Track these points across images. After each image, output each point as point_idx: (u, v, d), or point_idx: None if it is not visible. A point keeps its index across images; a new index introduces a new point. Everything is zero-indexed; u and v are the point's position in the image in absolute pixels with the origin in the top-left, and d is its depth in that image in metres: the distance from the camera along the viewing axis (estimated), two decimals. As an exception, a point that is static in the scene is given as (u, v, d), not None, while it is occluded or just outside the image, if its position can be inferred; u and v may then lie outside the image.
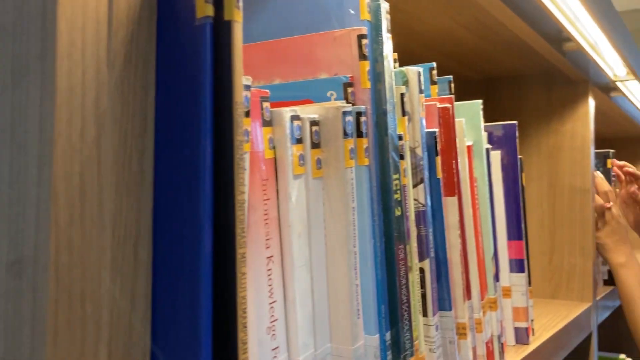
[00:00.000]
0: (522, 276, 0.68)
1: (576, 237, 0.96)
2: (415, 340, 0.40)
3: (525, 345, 0.68)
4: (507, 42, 0.81)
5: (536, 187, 0.99)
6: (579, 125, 0.97)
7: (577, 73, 0.93)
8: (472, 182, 0.54)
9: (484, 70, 1.01)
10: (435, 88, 0.51)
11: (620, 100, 1.20)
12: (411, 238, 0.40)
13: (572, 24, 0.72)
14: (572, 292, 0.96)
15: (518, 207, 0.68)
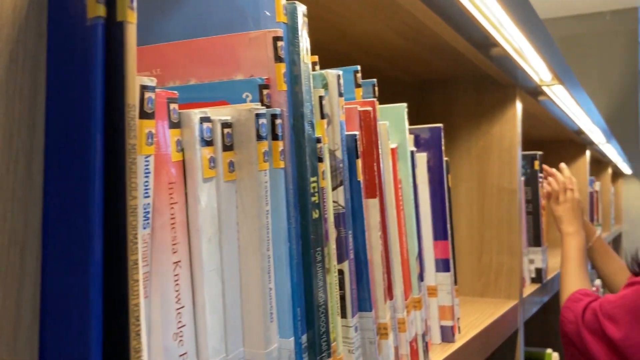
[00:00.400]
0: (447, 275, 0.69)
1: (504, 236, 0.99)
2: (333, 342, 0.40)
3: (451, 343, 0.69)
4: (437, 46, 0.83)
5: (466, 187, 1.02)
6: (507, 128, 1.00)
7: (505, 77, 0.96)
8: (396, 184, 0.55)
9: (417, 74, 1.03)
10: (360, 91, 0.52)
11: (547, 103, 1.24)
12: (330, 240, 0.40)
13: (497, 30, 0.74)
14: (500, 290, 0.99)
15: (444, 207, 0.69)
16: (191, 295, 0.31)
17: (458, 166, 1.03)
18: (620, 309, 1.01)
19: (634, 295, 1.01)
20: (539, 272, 1.17)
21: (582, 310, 1.05)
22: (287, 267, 0.35)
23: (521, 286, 1.00)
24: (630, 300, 1.01)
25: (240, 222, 0.33)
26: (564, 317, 1.08)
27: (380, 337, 0.48)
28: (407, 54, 0.90)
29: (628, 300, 1.01)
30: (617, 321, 1.01)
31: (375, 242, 0.48)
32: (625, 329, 1.00)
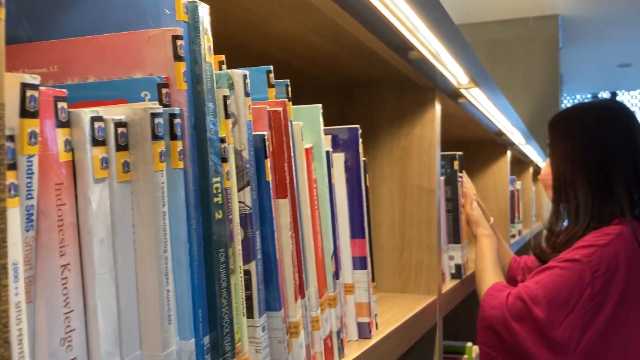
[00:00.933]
0: (364, 273, 0.71)
1: (423, 234, 1.02)
2: (237, 342, 0.40)
3: (368, 339, 0.71)
4: (357, 49, 0.84)
5: (388, 187, 1.04)
6: (426, 130, 1.03)
7: (424, 80, 0.99)
8: (310, 184, 0.56)
9: (341, 75, 1.05)
10: (273, 91, 0.52)
11: (467, 106, 1.29)
12: (235, 241, 0.40)
13: (413, 34, 0.76)
14: (419, 286, 1.02)
15: (361, 207, 0.71)
16: (82, 298, 0.30)
17: (380, 166, 1.05)
18: (539, 291, 1.08)
19: (549, 278, 1.09)
20: (458, 268, 1.22)
21: (505, 297, 1.11)
22: (187, 269, 0.35)
23: (440, 282, 1.04)
24: (546, 283, 1.09)
25: (136, 224, 0.33)
26: (486, 302, 1.13)
27: (291, 336, 0.48)
28: (329, 55, 0.91)
29: (544, 283, 1.09)
30: (539, 302, 1.08)
31: (286, 242, 0.48)
32: (546, 309, 1.07)
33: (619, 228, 1.13)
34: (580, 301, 1.07)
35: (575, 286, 1.08)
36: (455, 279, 1.22)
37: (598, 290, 1.08)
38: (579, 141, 1.22)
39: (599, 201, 1.18)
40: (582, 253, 1.10)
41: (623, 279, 1.09)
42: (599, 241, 1.10)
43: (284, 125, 0.48)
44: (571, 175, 1.21)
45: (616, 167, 1.19)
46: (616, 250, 1.10)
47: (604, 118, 1.23)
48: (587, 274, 1.08)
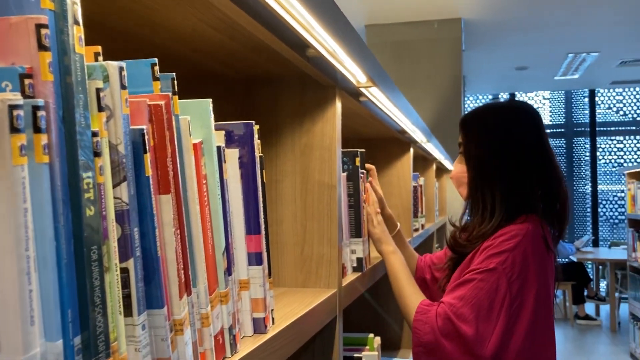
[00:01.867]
0: (260, 269, 0.71)
1: (324, 229, 1.04)
2: (113, 342, 0.39)
3: (264, 334, 0.71)
4: (255, 45, 0.84)
5: (290, 183, 1.05)
6: (327, 127, 1.05)
7: (324, 78, 1.00)
8: (199, 180, 0.55)
9: (243, 70, 1.04)
10: (158, 84, 0.51)
11: (368, 104, 1.32)
12: (110, 238, 0.39)
13: (309, 33, 0.77)
14: (320, 280, 1.04)
15: (257, 202, 0.71)
16: None
17: (282, 162, 1.06)
18: (464, 308, 1.12)
19: (471, 293, 1.13)
20: (360, 261, 1.25)
21: (434, 318, 1.14)
22: (54, 268, 0.34)
23: (341, 276, 1.06)
24: (469, 297, 1.13)
25: (-7, 221, 0.31)
26: (418, 330, 1.16)
27: (175, 334, 0.47)
28: (229, 51, 0.90)
29: (467, 299, 1.13)
30: (466, 319, 1.11)
31: (170, 239, 0.47)
32: (474, 325, 1.11)
33: (525, 227, 1.18)
34: (503, 309, 1.12)
35: (495, 296, 1.12)
36: (357, 272, 1.25)
37: (516, 294, 1.13)
38: (494, 140, 1.27)
39: (512, 198, 1.24)
40: (496, 261, 1.14)
41: (535, 276, 1.15)
42: (508, 245, 1.15)
43: (167, 119, 0.47)
44: (488, 173, 1.26)
45: (528, 165, 1.25)
46: (525, 250, 1.15)
47: (516, 118, 1.29)
48: (504, 281, 1.13)
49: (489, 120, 1.31)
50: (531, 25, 4.91)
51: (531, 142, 1.27)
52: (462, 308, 1.12)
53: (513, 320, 1.13)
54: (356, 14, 4.60)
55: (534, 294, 1.15)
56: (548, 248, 1.20)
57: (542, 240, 1.19)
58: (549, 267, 1.21)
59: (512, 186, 1.24)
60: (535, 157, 1.26)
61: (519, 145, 1.26)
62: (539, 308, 1.16)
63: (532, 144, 1.27)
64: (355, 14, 4.61)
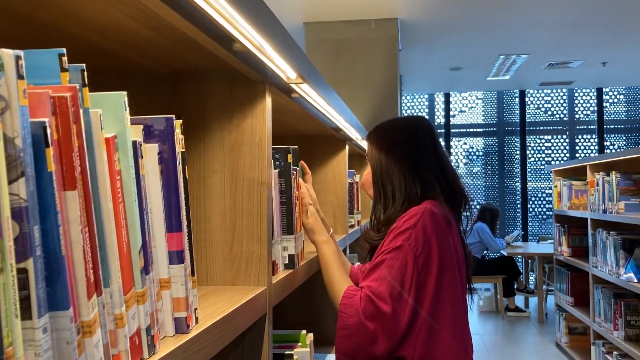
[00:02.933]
0: (181, 267, 0.69)
1: (254, 225, 1.03)
2: (8, 347, 0.37)
3: (186, 334, 0.69)
4: (180, 38, 0.82)
5: (219, 179, 1.04)
6: (257, 122, 1.04)
7: (254, 73, 0.99)
8: (112, 175, 0.53)
9: (170, 64, 1.02)
10: (66, 76, 0.48)
11: (301, 101, 1.32)
12: (4, 237, 0.37)
13: (234, 27, 0.76)
14: (250, 278, 1.03)
15: (178, 199, 0.69)
16: None
17: (211, 158, 1.04)
18: (382, 287, 1.21)
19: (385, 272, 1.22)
20: (292, 258, 1.25)
21: (358, 301, 1.22)
22: (-64, 269, 0.31)
23: (270, 273, 1.05)
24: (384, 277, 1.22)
25: None
26: (344, 313, 1.23)
27: (83, 336, 0.45)
28: (154, 44, 0.88)
29: (382, 278, 1.22)
30: (384, 298, 1.20)
31: (77, 237, 0.45)
32: (390, 302, 1.19)
33: (423, 206, 1.32)
34: (413, 284, 1.22)
35: (405, 271, 1.23)
36: (289, 269, 1.24)
37: (421, 267, 1.24)
38: (394, 143, 1.45)
39: (410, 184, 1.39)
40: (402, 239, 1.26)
41: (438, 250, 1.26)
42: (410, 223, 1.28)
43: (74, 112, 0.45)
44: (387, 166, 1.42)
45: (423, 160, 1.42)
46: (424, 226, 1.27)
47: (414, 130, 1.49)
48: (410, 256, 1.24)
49: (390, 130, 1.50)
50: (464, 27, 5.05)
51: (426, 148, 1.45)
52: (379, 287, 1.21)
53: (420, 294, 1.23)
54: (295, 11, 4.60)
55: (436, 267, 1.25)
56: (449, 223, 1.33)
57: (441, 217, 1.31)
58: (453, 241, 1.33)
59: (409, 174, 1.40)
60: (429, 156, 1.44)
61: (414, 147, 1.44)
62: (443, 282, 1.26)
63: (427, 145, 1.46)
64: (294, 11, 4.60)
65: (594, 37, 5.39)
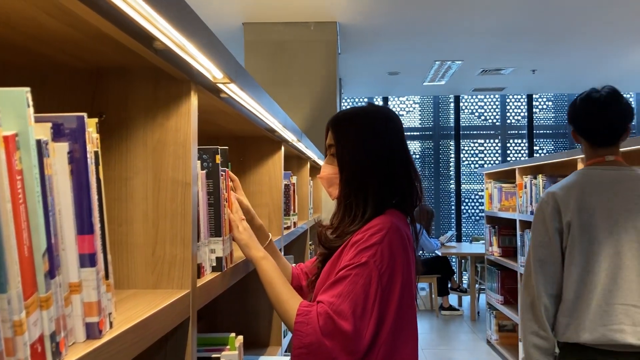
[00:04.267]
0: (93, 270, 0.67)
1: (177, 228, 1.01)
2: None
3: (98, 339, 0.67)
4: (98, 35, 0.80)
5: (142, 180, 1.01)
6: (182, 122, 1.02)
7: (178, 72, 0.97)
8: (12, 176, 0.51)
9: (91, 62, 0.98)
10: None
11: (231, 101, 1.31)
12: None
13: (152, 24, 0.74)
14: (173, 281, 1.01)
15: (90, 200, 0.67)
16: None
17: (133, 158, 1.01)
18: (343, 304, 1.15)
19: (348, 288, 1.17)
20: (219, 260, 1.23)
21: (316, 318, 1.16)
22: None
23: (195, 276, 1.04)
24: (347, 293, 1.16)
25: None
26: (300, 332, 1.16)
27: (-27, 344, 0.43)
28: (72, 40, 0.85)
29: (345, 294, 1.16)
30: (345, 316, 1.14)
31: (-34, 240, 0.43)
32: (352, 320, 1.14)
33: (390, 220, 1.25)
34: (376, 302, 1.18)
35: (369, 288, 1.18)
36: (216, 272, 1.23)
37: (385, 286, 1.19)
38: (366, 142, 1.34)
39: (382, 195, 1.31)
40: (368, 254, 1.20)
41: (401, 268, 1.22)
42: (376, 238, 1.21)
43: (-36, 108, 0.42)
44: (361, 173, 1.32)
45: (395, 165, 1.34)
46: (391, 243, 1.21)
47: (384, 122, 1.37)
48: (375, 273, 1.19)
49: (360, 123, 1.37)
50: (401, 32, 5.15)
51: (396, 146, 1.36)
52: (341, 305, 1.15)
53: (382, 312, 1.19)
54: (234, 11, 4.56)
55: (399, 285, 1.21)
56: (410, 241, 1.28)
57: (405, 232, 1.27)
58: (412, 259, 1.28)
59: (382, 185, 1.31)
60: (400, 158, 1.35)
61: (387, 147, 1.34)
62: (403, 299, 1.23)
63: (396, 147, 1.36)
64: (232, 11, 4.56)
65: (524, 45, 5.62)
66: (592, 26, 5.02)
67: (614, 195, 1.82)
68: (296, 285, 1.55)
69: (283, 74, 4.75)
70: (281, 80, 4.73)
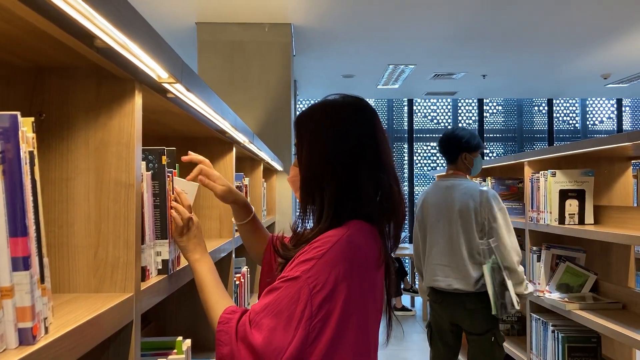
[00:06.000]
0: (27, 274, 0.65)
1: (120, 230, 0.99)
2: None
3: (31, 345, 0.65)
4: (37, 32, 0.77)
5: (83, 181, 0.99)
6: (125, 122, 1.00)
7: (121, 71, 0.96)
8: None
9: (31, 59, 0.96)
10: None
11: (178, 102, 1.29)
12: None
13: (91, 22, 0.73)
14: (116, 284, 0.99)
15: (23, 202, 0.65)
16: None
17: (75, 158, 0.99)
18: (264, 316, 1.05)
19: (274, 300, 1.06)
20: (165, 263, 1.21)
21: (235, 326, 1.07)
22: None
23: (139, 279, 1.02)
24: (270, 305, 1.05)
25: None
26: (219, 340, 1.08)
27: None
28: (9, 37, 0.82)
29: (268, 306, 1.06)
30: (260, 327, 1.04)
31: None
32: (266, 334, 1.03)
33: (342, 232, 1.10)
34: (302, 322, 1.03)
35: (296, 307, 1.04)
36: (162, 275, 1.21)
37: (318, 307, 1.04)
38: (325, 140, 1.18)
39: (342, 201, 1.15)
40: (302, 269, 1.06)
41: (346, 288, 1.06)
42: (317, 252, 1.07)
43: None
44: (317, 174, 1.18)
45: (363, 166, 1.17)
46: (334, 258, 1.06)
47: (349, 116, 1.20)
48: (305, 291, 1.04)
49: (320, 119, 1.22)
50: (355, 36, 5.20)
51: (365, 141, 1.18)
52: (263, 317, 1.05)
53: (315, 335, 1.04)
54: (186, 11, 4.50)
55: (339, 307, 1.05)
56: (371, 259, 1.13)
57: (361, 250, 1.10)
58: (372, 279, 1.13)
59: (341, 188, 1.16)
60: (368, 157, 1.18)
61: (349, 144, 1.17)
62: (346, 331, 1.07)
63: (365, 144, 1.18)
64: (185, 11, 4.50)
65: (475, 51, 5.76)
66: (540, 34, 5.19)
67: (442, 195, 2.91)
68: (267, 261, 1.51)
69: (237, 75, 4.72)
70: (236, 81, 4.70)
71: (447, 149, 3.05)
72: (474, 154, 3.02)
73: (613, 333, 2.29)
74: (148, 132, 1.89)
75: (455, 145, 3.02)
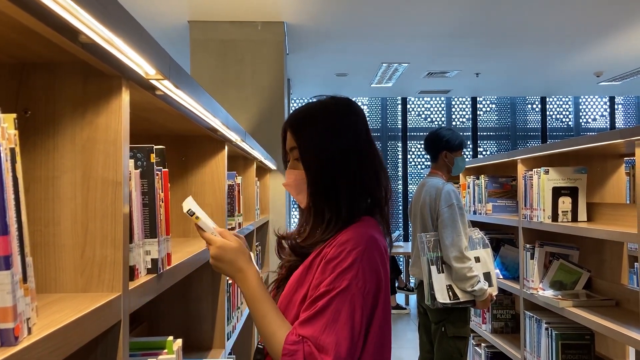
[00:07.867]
0: (8, 273, 0.64)
1: (108, 229, 0.97)
2: None
3: (13, 346, 0.64)
4: (20, 27, 0.76)
5: (70, 179, 0.97)
6: (113, 119, 0.99)
7: (108, 67, 0.94)
8: None
9: (15, 55, 0.94)
10: None
11: (167, 99, 1.28)
12: None
13: (75, 17, 0.71)
14: (103, 284, 0.97)
15: (4, 199, 0.63)
16: None
17: (61, 156, 0.97)
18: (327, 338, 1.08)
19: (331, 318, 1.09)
20: (154, 262, 1.20)
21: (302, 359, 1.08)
22: None
23: (127, 278, 1.00)
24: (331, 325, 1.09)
25: None
26: None
27: None
28: (-8, 32, 0.81)
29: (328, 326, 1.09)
30: (327, 349, 1.08)
31: None
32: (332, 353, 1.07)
33: (365, 233, 1.17)
34: (363, 326, 1.12)
35: (355, 315, 1.11)
36: (152, 274, 1.19)
37: (371, 306, 1.14)
38: (332, 143, 1.22)
39: (354, 201, 1.22)
40: (349, 277, 1.12)
41: (385, 284, 1.17)
42: (354, 256, 1.13)
43: None
44: (330, 178, 1.22)
45: (364, 167, 1.24)
46: (370, 259, 1.15)
47: (350, 115, 1.26)
48: (359, 298, 1.12)
49: (321, 120, 1.25)
50: (348, 34, 5.19)
51: (362, 141, 1.25)
52: (325, 339, 1.09)
53: (367, 332, 1.15)
54: (179, 9, 4.48)
55: (382, 302, 1.16)
56: (387, 254, 1.22)
57: (382, 247, 1.20)
58: (388, 269, 1.22)
59: (353, 185, 1.22)
60: (366, 156, 1.25)
61: (352, 144, 1.23)
62: (385, 315, 1.18)
63: (363, 143, 1.25)
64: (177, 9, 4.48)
65: (468, 49, 5.76)
66: (534, 32, 5.20)
67: (417, 193, 3.17)
68: None
69: (230, 73, 4.70)
70: (229, 79, 4.68)
71: (430, 148, 3.18)
72: (455, 153, 3.13)
73: (607, 330, 2.29)
74: (139, 130, 1.89)
75: (436, 144, 3.14)
